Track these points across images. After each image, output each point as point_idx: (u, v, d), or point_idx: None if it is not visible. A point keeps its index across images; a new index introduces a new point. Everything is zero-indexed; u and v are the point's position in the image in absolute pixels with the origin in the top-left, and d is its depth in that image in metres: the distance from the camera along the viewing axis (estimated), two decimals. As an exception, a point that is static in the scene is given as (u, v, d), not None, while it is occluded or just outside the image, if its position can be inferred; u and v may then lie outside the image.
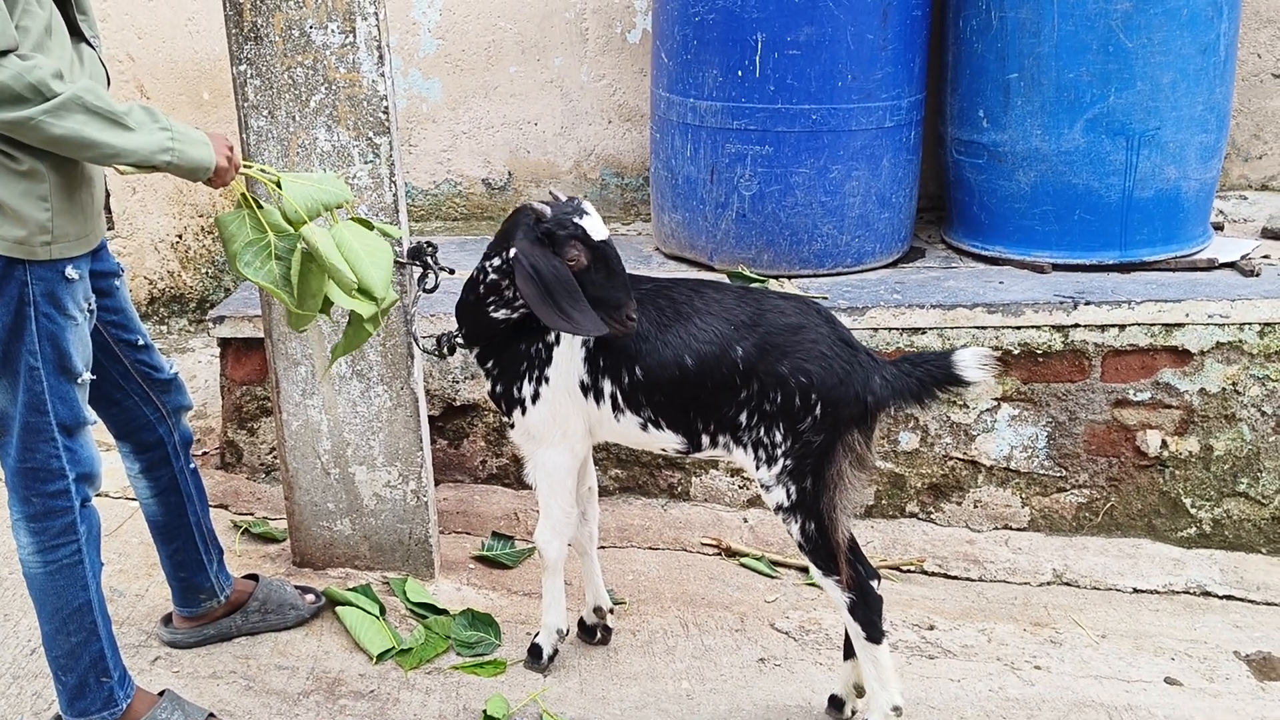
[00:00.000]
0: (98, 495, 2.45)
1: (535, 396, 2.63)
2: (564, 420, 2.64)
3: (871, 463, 2.56)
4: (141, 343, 2.61)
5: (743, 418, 2.50)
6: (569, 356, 2.60)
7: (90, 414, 2.38)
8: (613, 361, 2.57)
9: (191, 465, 2.79)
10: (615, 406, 2.59)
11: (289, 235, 2.38)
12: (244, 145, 2.95)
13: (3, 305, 2.20)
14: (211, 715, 2.57)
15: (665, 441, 2.62)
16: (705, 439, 2.57)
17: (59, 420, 2.29)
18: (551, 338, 2.60)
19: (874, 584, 2.55)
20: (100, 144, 2.09)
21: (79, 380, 2.31)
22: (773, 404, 2.46)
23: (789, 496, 2.49)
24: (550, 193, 2.57)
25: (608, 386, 2.58)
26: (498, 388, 2.70)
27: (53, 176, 2.18)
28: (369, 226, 2.53)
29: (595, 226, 2.47)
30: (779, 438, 2.47)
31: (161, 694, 2.55)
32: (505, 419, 2.73)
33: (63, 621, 2.37)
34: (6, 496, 2.36)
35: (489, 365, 2.71)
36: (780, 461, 2.48)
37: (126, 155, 2.13)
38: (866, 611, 2.52)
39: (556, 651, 2.94)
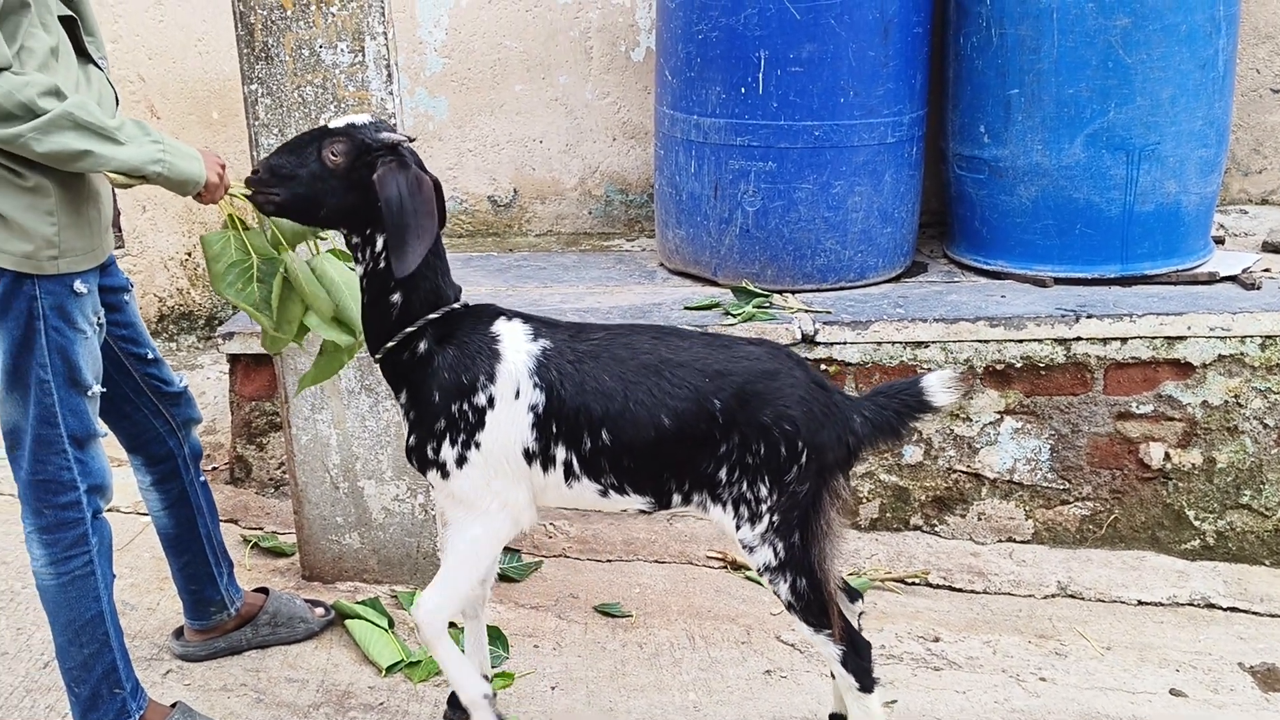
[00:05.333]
0: (109, 510, 2.48)
1: (461, 461, 2.33)
2: (502, 490, 2.36)
3: (851, 506, 2.44)
4: (151, 356, 2.64)
5: (722, 474, 2.32)
6: (510, 420, 2.32)
7: (101, 426, 2.42)
8: (572, 425, 2.31)
9: (201, 478, 2.82)
10: (569, 473, 2.35)
11: (272, 259, 2.42)
12: (255, 163, 2.99)
13: (12, 320, 2.24)
14: (222, 726, 2.60)
15: (628, 505, 2.41)
16: (677, 498, 2.38)
17: (70, 432, 2.32)
18: (481, 400, 2.30)
19: (856, 606, 2.45)
20: (91, 155, 2.12)
21: (89, 393, 2.34)
22: (755, 456, 2.29)
23: (776, 555, 2.34)
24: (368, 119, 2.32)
25: (561, 453, 2.33)
26: (411, 439, 2.37)
27: (58, 192, 2.21)
28: (348, 259, 2.53)
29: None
30: (764, 492, 2.31)
31: (174, 706, 2.57)
32: (420, 474, 2.44)
33: (75, 633, 2.39)
34: (20, 510, 2.39)
35: (402, 400, 2.39)
36: (765, 518, 2.32)
37: (118, 166, 2.16)
38: (858, 660, 2.41)
39: (501, 717, 2.51)
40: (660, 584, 3.46)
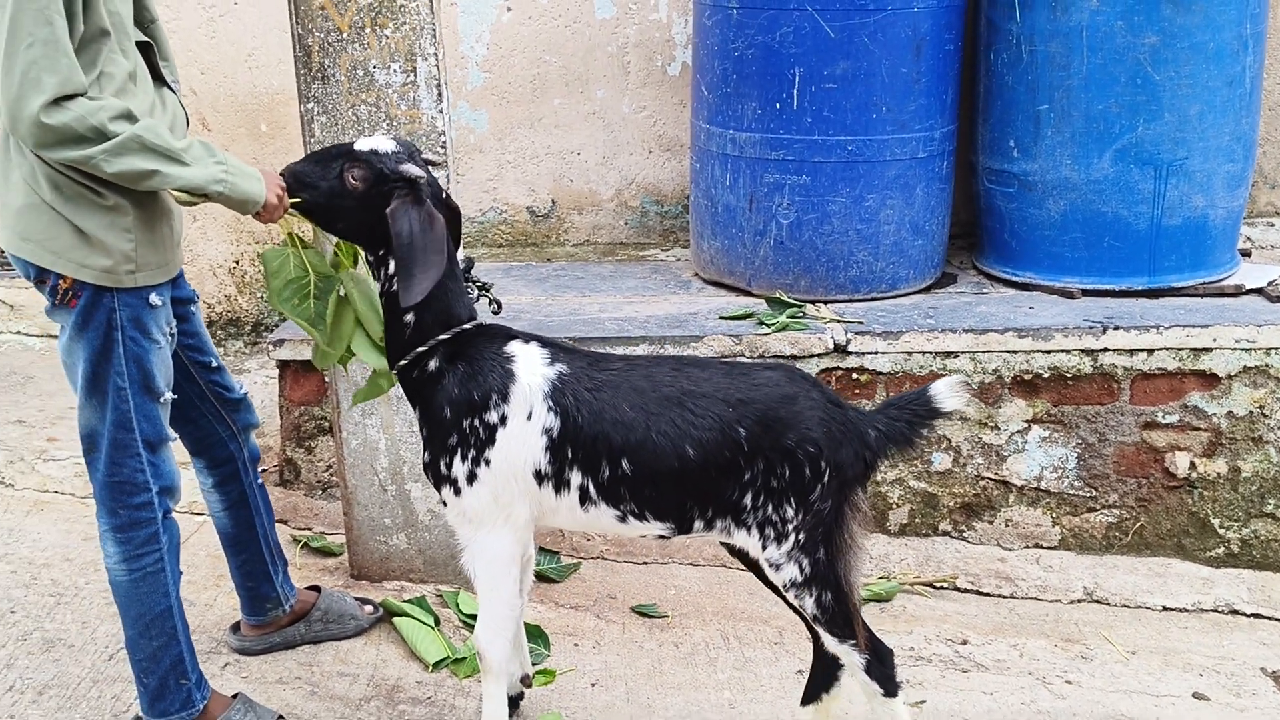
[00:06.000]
0: (167, 510, 2.60)
1: (471, 477, 2.39)
2: (507, 505, 2.41)
3: (870, 518, 2.44)
4: (214, 364, 2.78)
5: (747, 499, 2.37)
6: (521, 440, 2.37)
7: (171, 431, 2.55)
8: (589, 453, 2.35)
9: (259, 480, 2.95)
10: (585, 498, 2.39)
11: (329, 277, 2.52)
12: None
13: (93, 330, 2.37)
14: (281, 717, 2.72)
15: (647, 531, 2.45)
16: (699, 524, 2.42)
17: (144, 437, 2.45)
18: (493, 417, 2.37)
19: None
20: (158, 174, 2.24)
21: (162, 399, 2.48)
22: (780, 479, 2.35)
23: (803, 571, 2.39)
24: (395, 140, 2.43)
25: (577, 478, 2.37)
26: (425, 455, 2.45)
27: (135, 210, 2.34)
28: None
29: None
30: (790, 513, 2.36)
31: (235, 697, 2.69)
32: (437, 492, 2.50)
33: (145, 626, 2.52)
34: (81, 509, 2.52)
35: (418, 414, 2.48)
36: (791, 537, 2.37)
37: (183, 184, 2.28)
38: (881, 668, 2.47)
39: None
40: (695, 586, 3.56)
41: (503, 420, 2.37)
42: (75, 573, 3.36)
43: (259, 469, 2.97)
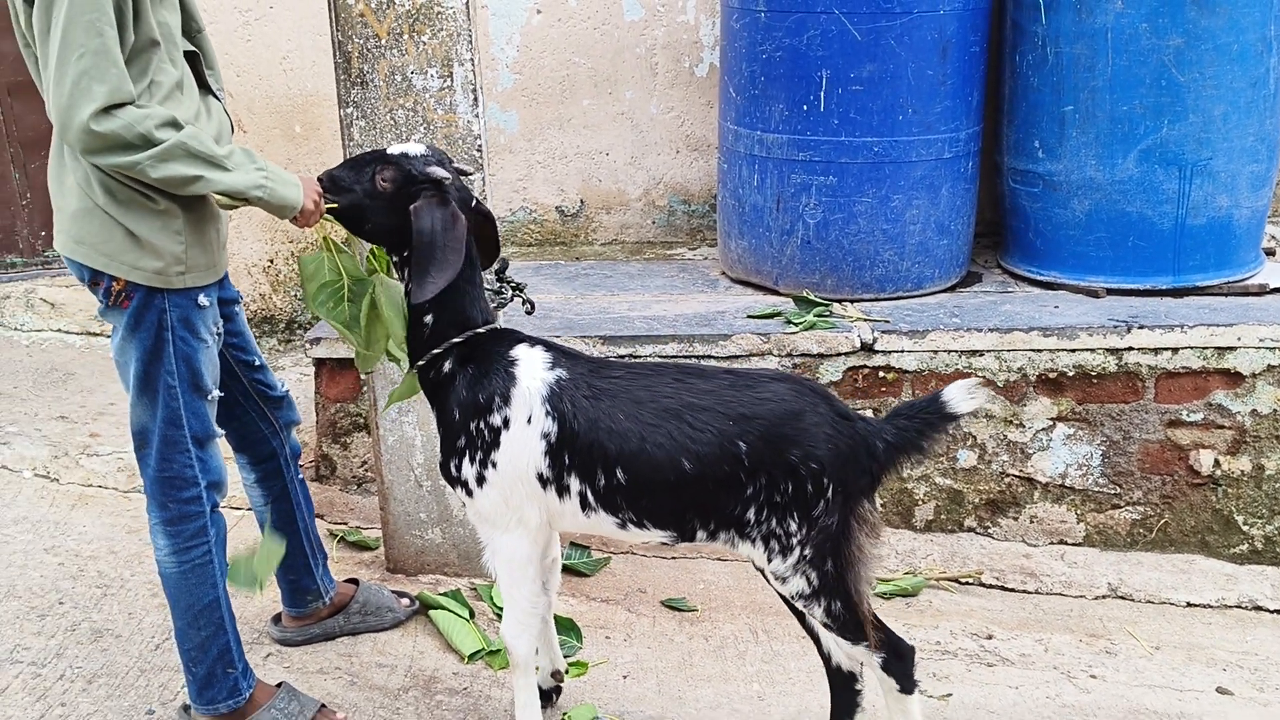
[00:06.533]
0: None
1: (480, 480, 2.45)
2: (517, 507, 2.46)
3: (880, 528, 2.45)
4: (258, 363, 2.85)
5: (750, 514, 2.36)
6: (523, 444, 2.41)
7: (218, 428, 2.62)
8: (585, 460, 2.37)
9: (300, 476, 3.02)
10: (585, 504, 2.41)
11: (363, 280, 2.58)
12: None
13: (144, 330, 2.45)
14: (323, 706, 2.79)
15: (648, 538, 2.46)
16: (701, 534, 2.42)
17: (192, 433, 2.53)
18: (497, 420, 2.41)
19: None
20: (201, 179, 2.31)
21: (209, 397, 2.55)
22: (784, 495, 2.33)
23: (810, 584, 2.39)
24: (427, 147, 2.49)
25: (575, 484, 2.40)
26: (439, 455, 2.53)
27: (185, 214, 2.42)
28: None
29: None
30: (794, 527, 2.34)
31: (279, 686, 2.77)
32: (453, 491, 2.56)
33: (194, 617, 2.60)
34: (138, 503, 2.60)
35: (435, 415, 2.54)
36: (796, 551, 2.36)
37: (224, 189, 2.35)
38: (900, 664, 2.47)
39: None
40: (724, 580, 3.62)
41: (505, 423, 2.41)
42: (121, 565, 3.44)
43: (299, 465, 3.04)
